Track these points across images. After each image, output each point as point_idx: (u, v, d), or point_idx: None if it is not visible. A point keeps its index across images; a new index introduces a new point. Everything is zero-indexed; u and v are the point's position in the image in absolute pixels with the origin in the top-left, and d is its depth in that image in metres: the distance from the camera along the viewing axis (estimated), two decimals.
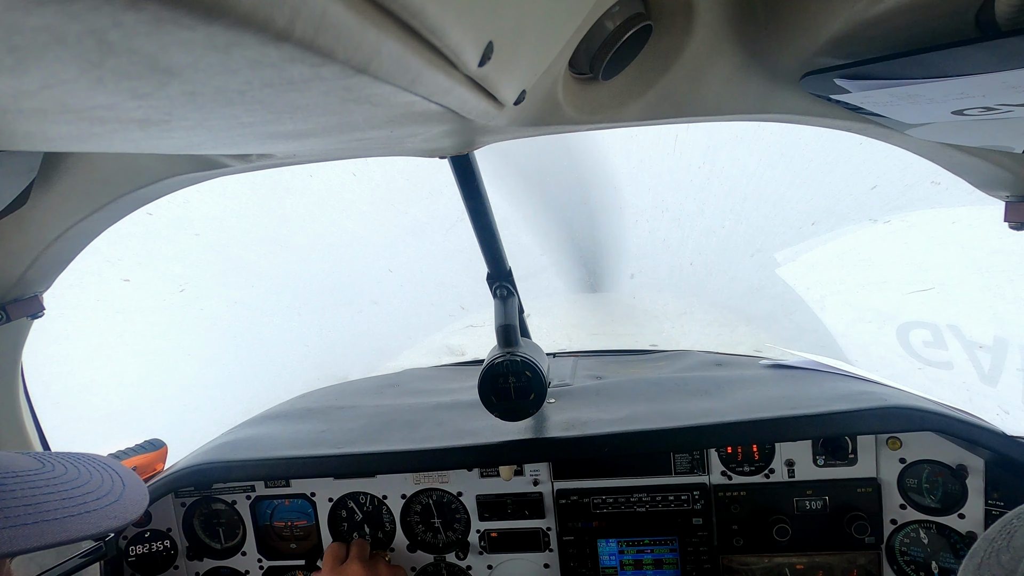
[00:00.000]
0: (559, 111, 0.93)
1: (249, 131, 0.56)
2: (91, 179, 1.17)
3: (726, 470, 1.55)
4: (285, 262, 2.94)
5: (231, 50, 0.30)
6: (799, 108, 0.97)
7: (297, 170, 1.97)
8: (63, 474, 0.79)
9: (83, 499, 0.76)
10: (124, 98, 0.37)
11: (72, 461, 0.84)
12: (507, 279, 1.61)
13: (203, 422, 2.09)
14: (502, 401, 1.34)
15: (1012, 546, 0.65)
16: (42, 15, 0.24)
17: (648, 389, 1.64)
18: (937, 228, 2.55)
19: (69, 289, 1.49)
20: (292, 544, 1.72)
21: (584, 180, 2.61)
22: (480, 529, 1.65)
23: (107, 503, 0.78)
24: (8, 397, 1.45)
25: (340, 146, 0.91)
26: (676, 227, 2.77)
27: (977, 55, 0.56)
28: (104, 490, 0.80)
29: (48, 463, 0.80)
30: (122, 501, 0.80)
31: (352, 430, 1.62)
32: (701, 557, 1.56)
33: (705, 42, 0.87)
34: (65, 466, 0.81)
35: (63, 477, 0.78)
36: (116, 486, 0.82)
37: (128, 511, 0.79)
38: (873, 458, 1.48)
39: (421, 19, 0.38)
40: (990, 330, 2.46)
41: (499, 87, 0.61)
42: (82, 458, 0.86)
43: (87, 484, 0.79)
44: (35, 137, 0.49)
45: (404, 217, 2.76)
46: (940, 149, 1.05)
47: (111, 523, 0.76)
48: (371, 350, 3.01)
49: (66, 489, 0.76)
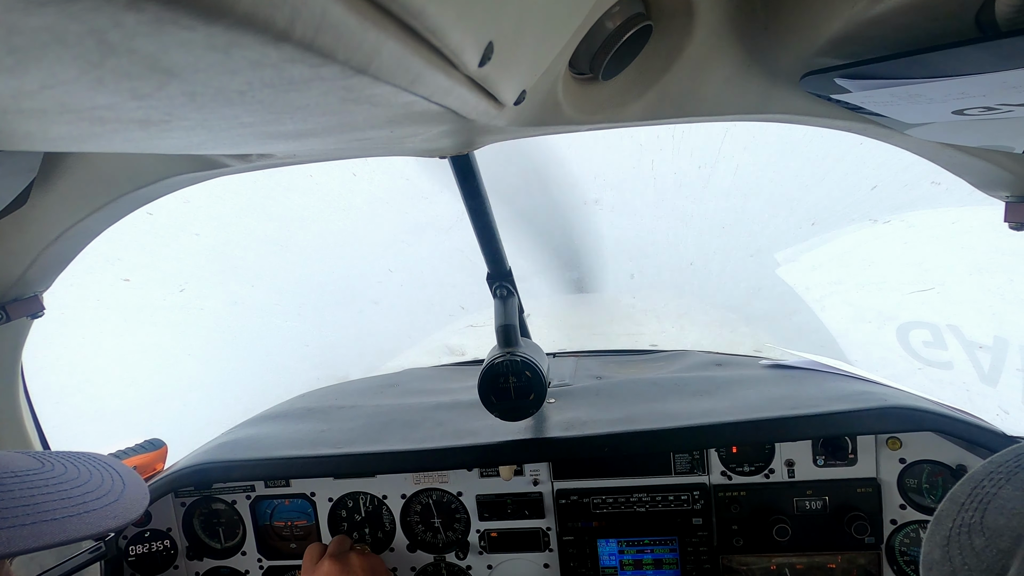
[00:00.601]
0: (559, 111, 0.93)
1: (249, 131, 0.56)
2: (91, 179, 1.17)
3: (726, 470, 1.55)
4: (285, 262, 2.94)
5: (231, 51, 0.30)
6: (799, 108, 0.97)
7: (297, 170, 1.97)
8: (63, 473, 0.78)
9: (83, 499, 0.76)
10: (124, 98, 0.37)
11: (72, 460, 0.83)
12: (507, 279, 1.60)
13: (203, 422, 2.09)
14: (502, 401, 1.34)
15: (986, 526, 0.52)
16: (42, 15, 0.24)
17: (648, 389, 1.64)
18: (937, 228, 2.55)
19: (69, 289, 1.49)
20: (292, 544, 1.72)
21: (583, 180, 2.61)
22: (480, 529, 1.65)
23: (107, 503, 0.77)
24: (8, 397, 1.45)
25: (340, 146, 0.91)
26: (676, 227, 2.77)
27: (977, 55, 0.56)
28: (104, 489, 0.79)
29: (48, 462, 0.80)
30: (122, 501, 0.79)
31: (352, 430, 1.62)
32: (701, 557, 1.56)
33: (705, 42, 0.87)
34: (65, 465, 0.81)
35: (63, 476, 0.78)
36: (116, 485, 0.82)
37: (128, 511, 0.79)
38: (873, 458, 1.48)
39: (421, 19, 0.38)
40: (990, 330, 2.46)
41: (499, 87, 0.61)
42: (82, 457, 0.86)
43: (87, 484, 0.79)
44: (35, 137, 0.49)
45: (404, 217, 2.76)
46: (940, 149, 1.05)
47: (111, 523, 0.75)
48: (371, 350, 3.01)
49: (66, 489, 0.76)
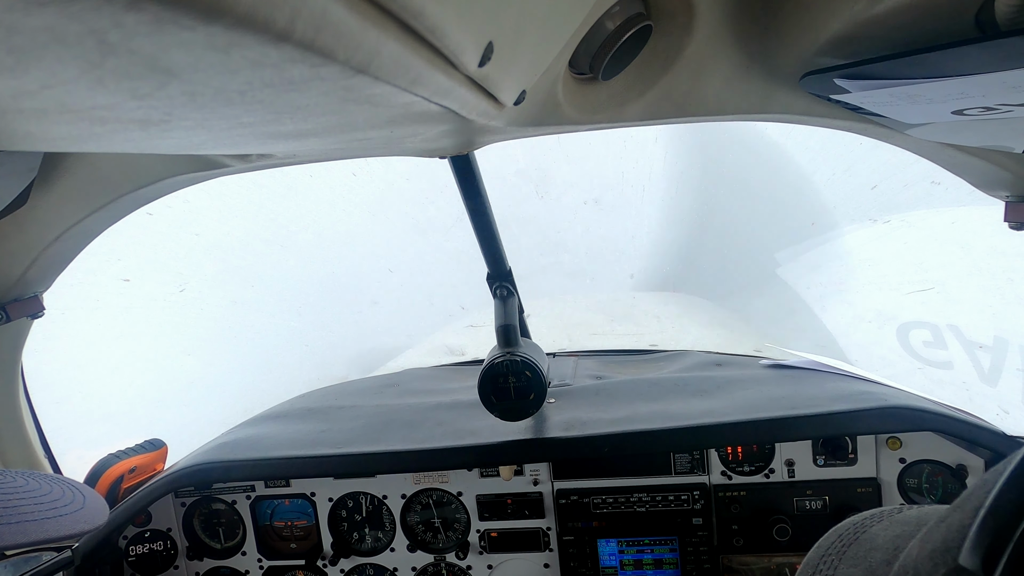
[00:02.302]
0: (559, 111, 0.93)
1: (249, 131, 0.56)
2: (91, 179, 1.17)
3: (726, 470, 1.55)
4: (285, 262, 2.94)
5: (231, 50, 0.30)
6: (799, 108, 0.97)
7: (297, 170, 1.97)
8: (25, 484, 0.85)
9: (52, 505, 0.82)
10: (124, 98, 0.37)
11: (30, 476, 0.89)
12: (507, 279, 1.60)
13: (203, 422, 2.09)
14: (502, 401, 1.34)
15: None
16: (42, 15, 0.24)
17: (648, 389, 1.64)
18: (937, 228, 2.55)
19: (69, 289, 1.49)
20: (292, 544, 1.72)
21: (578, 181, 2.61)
22: (480, 529, 1.65)
23: (74, 510, 0.84)
24: (8, 397, 1.45)
25: (340, 146, 0.91)
26: (676, 227, 2.77)
27: (977, 55, 0.56)
28: (68, 499, 0.86)
29: (8, 475, 0.86)
30: (87, 509, 0.87)
31: (352, 430, 1.62)
32: (701, 557, 1.56)
33: (705, 42, 0.87)
34: (26, 479, 0.87)
35: (27, 487, 0.84)
36: (77, 496, 0.89)
37: (95, 517, 0.86)
38: (873, 458, 1.48)
39: (421, 20, 0.38)
40: (990, 330, 2.46)
41: (499, 87, 0.61)
42: (38, 475, 0.92)
43: (50, 494, 0.86)
44: (35, 137, 0.49)
45: (404, 217, 2.76)
46: (940, 149, 1.05)
47: (83, 526, 0.82)
48: (371, 350, 3.01)
49: (35, 496, 0.82)
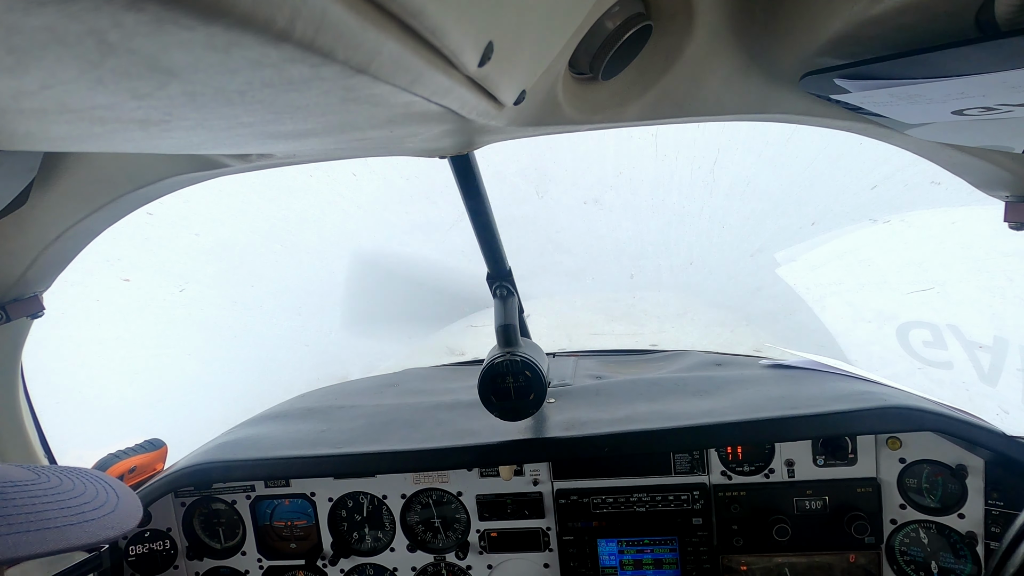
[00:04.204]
0: (559, 111, 0.93)
1: (249, 131, 0.56)
2: (91, 179, 1.17)
3: (726, 470, 1.55)
4: (285, 262, 2.94)
5: (231, 50, 0.30)
6: (799, 108, 0.97)
7: (297, 170, 1.97)
8: (58, 485, 0.81)
9: (80, 509, 0.78)
10: (124, 98, 0.37)
11: (66, 474, 0.86)
12: (507, 279, 1.60)
13: (203, 422, 2.09)
14: (502, 401, 1.34)
15: None
16: (42, 15, 0.24)
17: (648, 389, 1.64)
18: (937, 228, 2.55)
19: (69, 289, 1.49)
20: (292, 544, 1.72)
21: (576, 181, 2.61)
22: (480, 529, 1.65)
23: (104, 513, 0.80)
24: (8, 397, 1.45)
25: (340, 146, 0.91)
26: (676, 227, 2.77)
27: (977, 55, 0.56)
28: (100, 501, 0.82)
29: (43, 475, 0.82)
30: (117, 512, 0.82)
31: (352, 430, 1.62)
32: (701, 557, 1.56)
33: (705, 42, 0.87)
34: (60, 478, 0.83)
35: (59, 488, 0.80)
36: (111, 498, 0.84)
37: (125, 521, 0.82)
38: (873, 458, 1.48)
39: (421, 19, 0.38)
40: (990, 330, 2.46)
41: (499, 87, 0.61)
42: (74, 471, 0.89)
43: (83, 495, 0.81)
44: (35, 137, 0.49)
45: (404, 217, 2.77)
46: (940, 149, 1.05)
47: (109, 533, 0.78)
48: (371, 350, 3.01)
49: (64, 499, 0.78)
